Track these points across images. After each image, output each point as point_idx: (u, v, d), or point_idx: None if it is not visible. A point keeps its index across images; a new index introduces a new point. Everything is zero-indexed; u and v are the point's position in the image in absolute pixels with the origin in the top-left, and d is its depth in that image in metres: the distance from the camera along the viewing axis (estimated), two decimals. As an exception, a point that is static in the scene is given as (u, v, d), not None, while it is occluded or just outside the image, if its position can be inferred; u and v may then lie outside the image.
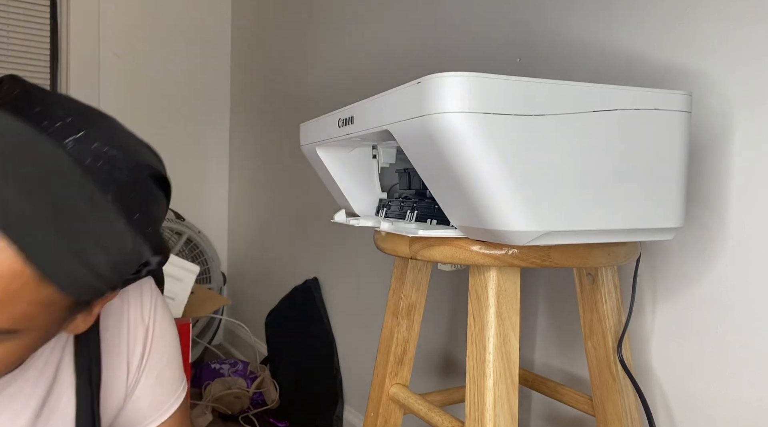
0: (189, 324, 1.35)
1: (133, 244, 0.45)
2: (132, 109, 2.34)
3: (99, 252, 0.42)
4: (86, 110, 0.45)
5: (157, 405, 0.65)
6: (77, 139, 0.42)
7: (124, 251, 0.44)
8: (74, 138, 0.41)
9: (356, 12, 1.59)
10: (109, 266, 0.43)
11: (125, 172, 0.44)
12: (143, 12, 2.34)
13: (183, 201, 2.47)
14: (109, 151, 0.43)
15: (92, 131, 0.43)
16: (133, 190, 0.44)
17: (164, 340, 0.65)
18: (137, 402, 0.63)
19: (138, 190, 0.45)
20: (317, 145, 0.83)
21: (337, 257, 1.68)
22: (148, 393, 0.64)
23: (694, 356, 0.78)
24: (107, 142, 0.43)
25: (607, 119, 0.58)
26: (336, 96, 1.69)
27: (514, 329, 0.64)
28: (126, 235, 0.44)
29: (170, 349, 0.66)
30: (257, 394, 1.85)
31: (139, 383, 0.63)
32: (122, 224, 0.43)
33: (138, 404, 0.63)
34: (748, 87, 0.71)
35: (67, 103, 0.45)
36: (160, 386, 0.65)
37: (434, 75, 0.53)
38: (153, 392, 0.64)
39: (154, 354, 0.64)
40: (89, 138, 0.42)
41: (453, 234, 0.63)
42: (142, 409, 0.64)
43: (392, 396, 0.85)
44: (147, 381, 0.63)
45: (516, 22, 1.05)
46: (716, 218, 0.75)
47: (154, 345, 0.64)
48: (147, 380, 0.63)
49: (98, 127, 0.44)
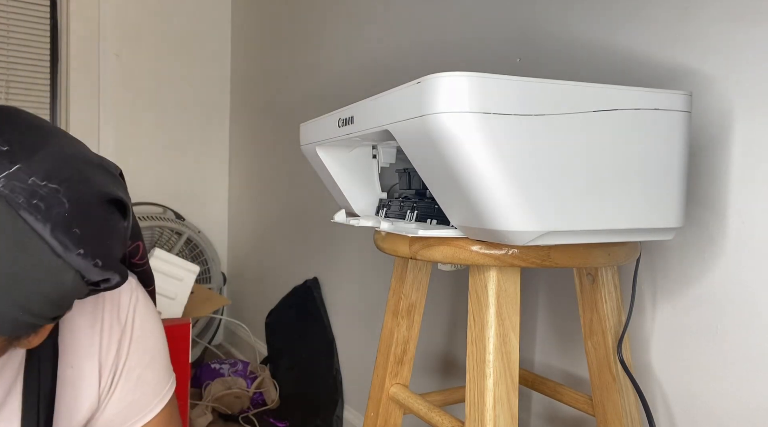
0: (189, 324, 1.35)
1: (73, 279, 0.43)
2: (132, 109, 2.34)
3: (34, 295, 0.40)
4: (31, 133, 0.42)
5: (139, 407, 0.63)
6: (9, 176, 0.39)
7: (64, 288, 0.43)
8: (6, 174, 0.39)
9: (356, 12, 1.59)
10: (47, 303, 0.42)
11: (66, 206, 0.41)
12: (143, 12, 2.34)
13: (183, 201, 2.47)
14: (48, 185, 0.40)
15: (31, 163, 0.40)
16: (76, 223, 0.42)
17: (146, 340, 0.63)
18: (117, 405, 0.61)
19: (85, 224, 0.43)
20: (317, 145, 0.83)
21: (337, 257, 1.68)
22: (129, 395, 0.62)
23: (694, 356, 0.78)
24: (47, 175, 0.41)
25: (607, 119, 0.58)
26: (336, 96, 1.69)
27: (514, 329, 0.64)
28: (65, 272, 0.42)
29: (153, 349, 0.64)
30: (257, 394, 1.85)
31: (118, 386, 0.61)
32: (60, 262, 0.41)
33: (118, 407, 0.62)
34: (748, 87, 0.71)
35: (9, 126, 0.42)
36: (141, 388, 0.63)
37: (434, 75, 0.53)
38: (134, 393, 0.62)
39: (133, 355, 0.62)
40: (25, 172, 0.40)
41: (453, 234, 0.63)
42: (122, 411, 0.62)
43: (392, 396, 0.85)
44: (126, 383, 0.61)
45: (516, 22, 1.05)
46: (716, 218, 0.75)
47: (133, 346, 0.62)
48: (126, 382, 0.61)
49: (39, 156, 0.41)
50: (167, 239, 2.24)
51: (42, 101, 2.20)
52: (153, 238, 2.20)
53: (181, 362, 1.33)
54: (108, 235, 0.46)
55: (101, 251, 0.44)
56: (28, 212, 0.39)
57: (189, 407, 1.52)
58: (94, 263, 0.44)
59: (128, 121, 2.34)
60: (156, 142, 2.40)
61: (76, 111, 2.21)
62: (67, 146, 0.44)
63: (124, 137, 2.33)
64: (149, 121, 2.38)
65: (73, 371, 0.58)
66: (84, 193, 0.43)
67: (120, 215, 0.48)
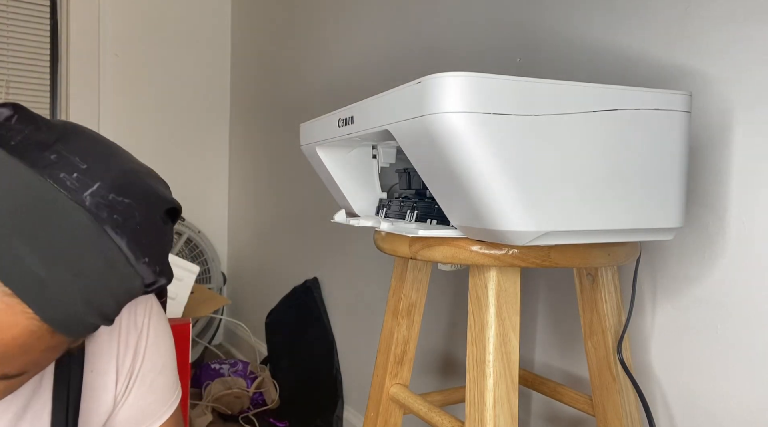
0: (189, 324, 1.35)
1: (140, 284, 0.46)
2: (132, 109, 2.34)
3: (109, 300, 0.44)
4: (99, 149, 0.45)
5: (150, 412, 0.64)
6: (93, 194, 0.43)
7: (132, 292, 0.46)
8: (91, 192, 0.42)
9: (356, 12, 1.59)
10: (116, 307, 0.45)
11: (138, 219, 0.45)
12: (143, 12, 2.34)
13: (183, 201, 2.47)
14: (124, 200, 0.44)
15: (107, 181, 0.44)
16: (145, 234, 0.45)
17: (159, 347, 0.65)
18: (129, 409, 0.63)
19: (150, 234, 0.46)
20: (317, 145, 0.83)
21: (337, 257, 1.68)
22: (141, 400, 0.63)
23: (694, 356, 0.78)
24: (122, 190, 0.44)
25: (607, 119, 0.58)
26: (336, 96, 1.69)
27: (514, 329, 0.64)
28: (135, 279, 0.45)
29: (165, 356, 0.65)
30: (257, 394, 1.85)
31: (132, 390, 0.62)
32: (132, 270, 0.45)
33: (130, 411, 0.63)
34: (748, 87, 0.71)
35: (77, 142, 0.45)
36: (153, 394, 0.64)
37: (434, 75, 0.53)
38: (146, 399, 0.64)
39: (147, 361, 0.63)
40: (105, 188, 0.43)
41: (453, 234, 0.63)
42: (134, 416, 0.63)
43: (392, 396, 0.85)
44: (140, 389, 0.63)
45: (516, 22, 1.05)
46: (716, 217, 0.75)
47: (148, 352, 0.63)
48: (140, 387, 0.63)
49: (112, 172, 0.45)
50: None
51: (42, 101, 2.20)
52: (153, 238, 2.20)
53: (181, 362, 1.33)
54: (165, 241, 0.49)
55: (160, 258, 0.48)
56: (110, 227, 0.43)
57: (189, 407, 1.52)
58: (153, 270, 0.47)
59: (128, 121, 2.34)
60: (156, 142, 2.40)
61: (76, 111, 2.21)
62: (127, 159, 0.48)
63: (124, 137, 2.33)
64: (149, 120, 2.38)
65: (93, 374, 0.60)
66: (150, 204, 0.47)
67: (171, 221, 0.51)
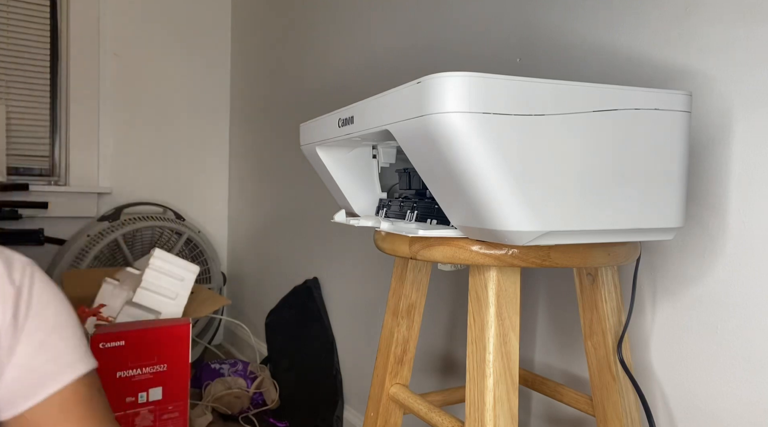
0: (189, 324, 1.35)
1: None
2: (132, 109, 2.34)
3: None
4: None
5: (43, 373, 0.62)
6: None
7: None
8: None
9: (356, 12, 1.59)
10: None
11: None
12: (143, 12, 2.34)
13: (183, 201, 2.48)
14: None
15: None
16: None
17: (47, 306, 0.63)
18: (16, 369, 0.61)
19: None
20: (317, 145, 0.83)
21: (337, 257, 1.68)
22: (31, 359, 0.61)
23: (694, 356, 0.78)
24: None
25: (607, 119, 0.58)
26: (336, 96, 1.69)
27: (514, 329, 0.64)
28: None
29: (56, 317, 0.64)
30: (257, 394, 1.85)
31: (17, 349, 0.60)
32: None
33: (19, 371, 0.61)
34: (748, 87, 0.71)
35: None
36: (45, 353, 0.62)
37: (434, 75, 0.53)
38: (36, 358, 0.61)
39: (32, 319, 0.61)
40: None
41: (453, 234, 0.63)
42: (25, 376, 0.61)
43: (392, 396, 0.85)
44: (27, 347, 0.61)
45: (516, 22, 1.05)
46: (716, 217, 0.75)
47: (32, 311, 0.61)
48: (27, 346, 0.61)
49: None
50: (167, 239, 2.24)
51: (42, 101, 2.20)
52: (153, 238, 2.20)
53: (181, 362, 1.33)
54: None
55: None
56: None
57: (189, 407, 1.52)
58: None
59: (128, 121, 2.34)
60: (156, 141, 2.40)
61: (76, 111, 2.21)
62: None
63: (123, 137, 2.33)
64: (149, 120, 2.38)
65: None
66: None
67: None
